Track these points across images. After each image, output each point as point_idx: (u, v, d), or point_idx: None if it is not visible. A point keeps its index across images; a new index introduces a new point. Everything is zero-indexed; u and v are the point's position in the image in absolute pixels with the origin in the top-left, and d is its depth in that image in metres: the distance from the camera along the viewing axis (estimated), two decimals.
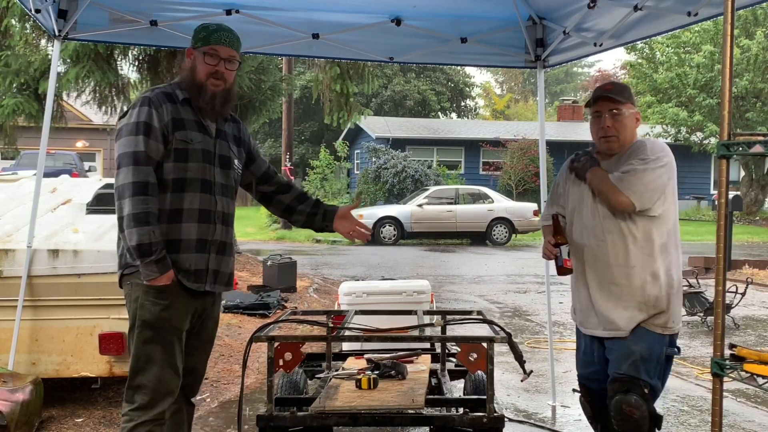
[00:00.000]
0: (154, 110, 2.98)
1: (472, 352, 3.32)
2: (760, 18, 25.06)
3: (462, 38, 5.22)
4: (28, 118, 10.93)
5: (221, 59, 3.08)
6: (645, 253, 3.24)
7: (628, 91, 3.39)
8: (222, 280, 3.18)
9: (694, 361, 6.63)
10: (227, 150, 3.19)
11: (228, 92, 3.14)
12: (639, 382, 3.19)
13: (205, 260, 3.08)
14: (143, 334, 2.99)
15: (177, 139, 3.00)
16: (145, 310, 2.98)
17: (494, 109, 50.31)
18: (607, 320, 3.30)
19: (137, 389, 3.00)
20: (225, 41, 3.09)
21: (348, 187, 29.81)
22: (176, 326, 3.03)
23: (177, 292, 3.01)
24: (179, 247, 3.01)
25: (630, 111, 3.32)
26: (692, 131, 26.28)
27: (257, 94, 12.10)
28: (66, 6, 4.65)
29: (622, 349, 3.25)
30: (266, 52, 6.31)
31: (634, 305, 3.25)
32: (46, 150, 4.87)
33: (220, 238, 3.13)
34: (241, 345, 6.59)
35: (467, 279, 12.35)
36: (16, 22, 10.47)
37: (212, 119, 3.15)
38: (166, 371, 3.00)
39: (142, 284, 2.96)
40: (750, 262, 12.74)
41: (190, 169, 3.03)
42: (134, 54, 10.76)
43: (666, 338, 3.28)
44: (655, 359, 3.24)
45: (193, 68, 3.10)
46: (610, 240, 3.27)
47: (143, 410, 2.98)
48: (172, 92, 3.09)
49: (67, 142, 25.81)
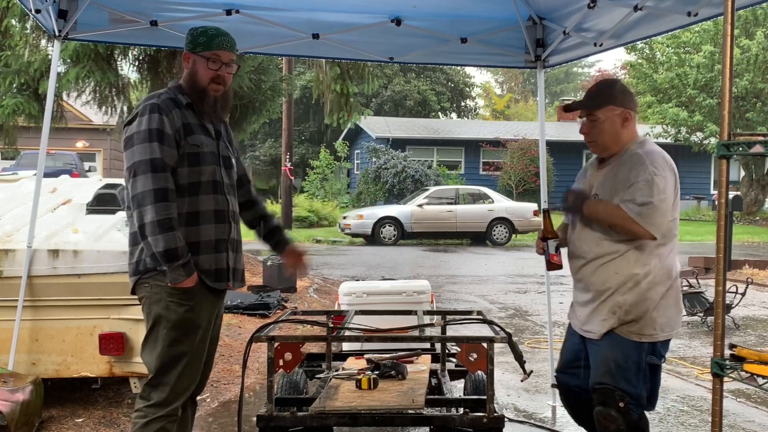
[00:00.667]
0: (164, 117, 3.00)
1: (472, 352, 3.32)
2: (761, 18, 25.05)
3: (462, 38, 5.22)
4: (28, 118, 10.93)
5: (223, 63, 3.12)
6: (626, 258, 3.16)
7: (607, 93, 3.26)
8: (238, 277, 3.26)
9: (694, 361, 6.63)
10: (227, 150, 3.26)
11: (227, 95, 3.19)
12: (615, 394, 3.11)
13: (225, 259, 3.14)
14: (170, 335, 3.01)
15: (189, 144, 3.05)
16: (171, 312, 3.00)
17: (494, 110, 50.32)
18: (583, 321, 3.30)
19: (156, 387, 3.03)
20: (227, 46, 3.13)
21: (348, 187, 29.83)
22: (202, 326, 3.08)
23: (201, 293, 3.05)
24: (199, 248, 3.05)
25: (609, 114, 3.22)
26: (692, 131, 26.28)
27: (257, 95, 12.09)
28: (66, 6, 4.65)
29: (597, 354, 3.22)
30: (266, 52, 6.31)
31: (606, 309, 3.19)
32: (46, 150, 4.87)
33: (236, 237, 3.21)
34: (241, 345, 6.59)
35: (467, 279, 12.35)
36: (17, 22, 10.47)
37: (209, 121, 3.19)
38: (188, 371, 3.05)
39: (165, 286, 2.99)
40: (750, 262, 12.74)
41: (203, 173, 3.08)
42: (134, 54, 10.76)
43: (645, 346, 3.17)
44: (633, 366, 3.14)
45: (194, 73, 3.12)
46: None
47: (158, 407, 3.01)
48: (175, 97, 3.11)
49: (68, 143, 25.80)
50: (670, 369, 6.31)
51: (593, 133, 3.26)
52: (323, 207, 24.42)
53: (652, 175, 3.08)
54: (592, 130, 3.26)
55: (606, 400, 3.14)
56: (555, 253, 3.31)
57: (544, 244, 3.32)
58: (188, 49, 3.14)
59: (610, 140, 3.25)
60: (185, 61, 3.16)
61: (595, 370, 3.24)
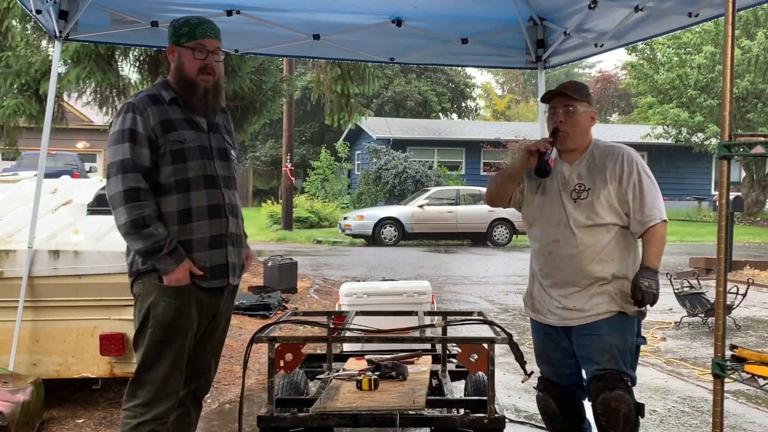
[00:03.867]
0: (138, 116, 2.97)
1: (473, 353, 3.32)
2: (761, 19, 25.05)
3: (463, 39, 5.23)
4: (28, 118, 10.93)
5: (209, 52, 3.06)
6: (618, 243, 3.37)
7: (585, 90, 3.44)
8: (238, 272, 3.22)
9: (695, 362, 6.63)
10: (222, 142, 3.19)
11: (218, 85, 3.12)
12: (622, 376, 3.27)
13: (224, 254, 3.09)
14: (155, 333, 3.00)
15: (170, 141, 2.99)
16: (159, 310, 2.99)
17: (495, 110, 50.28)
18: (570, 310, 3.43)
19: (141, 385, 3.01)
20: (211, 34, 3.07)
21: (349, 188, 29.83)
22: (189, 327, 3.05)
23: (193, 293, 3.02)
24: (192, 246, 3.02)
25: (584, 109, 3.37)
26: (693, 132, 26.27)
27: (258, 95, 12.09)
28: (67, 7, 4.65)
29: (594, 341, 3.34)
30: (267, 53, 6.32)
31: (610, 293, 3.37)
32: (47, 151, 4.87)
33: (235, 231, 3.16)
34: (242, 346, 6.59)
35: (468, 280, 12.35)
36: (17, 23, 10.47)
37: (201, 114, 3.13)
38: (172, 372, 3.02)
39: (157, 284, 2.98)
40: (751, 263, 12.72)
41: (190, 168, 3.02)
42: (135, 55, 10.76)
43: (635, 322, 3.37)
44: (630, 351, 3.33)
45: (180, 66, 3.07)
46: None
47: (145, 407, 2.99)
48: (157, 94, 3.07)
49: (68, 143, 25.83)
50: (670, 370, 6.30)
51: (569, 123, 3.35)
52: (324, 208, 24.42)
53: (642, 167, 3.33)
54: (568, 120, 3.35)
55: (615, 384, 3.23)
56: (553, 159, 3.34)
57: (551, 147, 3.30)
58: (171, 41, 3.09)
59: (580, 134, 3.38)
60: (170, 55, 3.10)
61: (594, 357, 3.29)
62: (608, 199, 3.30)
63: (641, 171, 3.32)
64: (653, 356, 6.77)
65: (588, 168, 3.37)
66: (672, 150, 28.64)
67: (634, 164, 3.33)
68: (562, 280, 3.38)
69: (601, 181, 3.32)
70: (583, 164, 3.39)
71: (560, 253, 3.36)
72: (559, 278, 3.39)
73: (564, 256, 3.35)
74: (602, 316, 3.30)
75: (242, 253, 3.23)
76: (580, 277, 3.33)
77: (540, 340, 3.58)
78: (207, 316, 3.14)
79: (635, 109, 35.31)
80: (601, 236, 3.31)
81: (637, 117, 34.79)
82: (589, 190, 3.33)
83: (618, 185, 3.30)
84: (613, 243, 3.32)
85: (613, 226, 3.32)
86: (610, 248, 3.31)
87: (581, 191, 3.34)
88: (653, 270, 3.26)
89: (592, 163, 3.38)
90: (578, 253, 3.32)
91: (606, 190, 3.30)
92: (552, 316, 3.44)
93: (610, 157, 3.36)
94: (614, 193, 3.30)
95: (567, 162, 3.43)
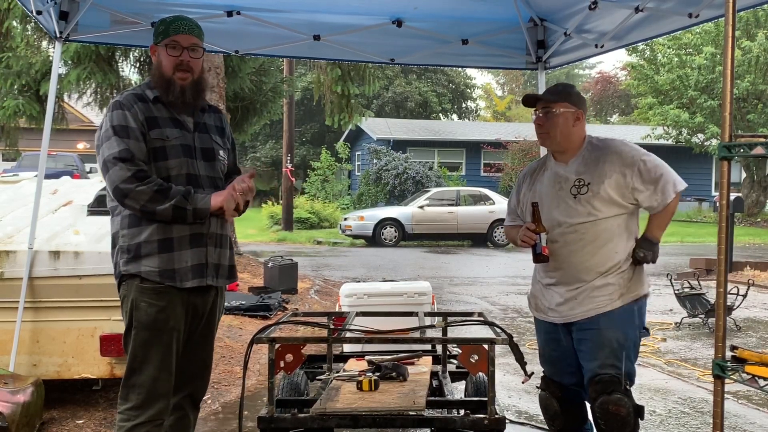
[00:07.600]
0: (126, 111, 2.96)
1: (473, 354, 3.31)
2: (762, 19, 25.05)
3: (463, 40, 5.23)
4: (29, 119, 10.95)
5: (183, 48, 3.03)
6: (621, 236, 3.39)
7: (567, 91, 3.45)
8: (223, 274, 3.16)
9: (696, 363, 6.63)
10: (209, 142, 3.15)
11: (197, 83, 3.08)
12: (619, 379, 3.26)
13: (204, 254, 3.04)
14: (139, 335, 2.98)
15: (152, 138, 2.98)
16: (140, 312, 2.97)
17: (495, 111, 50.27)
18: (572, 307, 3.44)
19: (132, 388, 2.99)
20: (184, 29, 3.04)
21: (349, 189, 29.83)
22: (174, 328, 3.02)
23: (173, 293, 2.99)
24: (172, 245, 2.98)
25: (563, 110, 3.39)
26: (693, 133, 26.27)
27: (258, 96, 12.12)
28: (67, 8, 4.65)
29: (594, 338, 3.34)
30: (267, 53, 6.32)
31: (612, 286, 3.40)
32: (47, 151, 4.88)
33: (216, 231, 3.09)
34: (242, 347, 6.59)
35: (468, 280, 12.35)
36: (18, 23, 10.50)
37: (188, 113, 3.10)
38: (161, 373, 2.99)
39: (137, 285, 2.96)
40: (751, 263, 12.72)
41: (171, 167, 2.99)
42: (135, 56, 10.79)
43: (637, 311, 3.37)
44: (631, 343, 3.34)
45: (158, 64, 3.06)
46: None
47: (138, 410, 2.97)
48: (142, 92, 3.07)
49: (69, 144, 25.86)
50: (671, 371, 6.30)
51: (547, 125, 3.42)
52: (324, 208, 24.43)
53: (641, 153, 3.37)
54: (546, 123, 3.42)
55: (613, 387, 3.24)
56: (546, 245, 3.37)
57: (536, 237, 3.35)
58: (153, 42, 3.10)
59: (562, 135, 3.42)
60: (152, 56, 3.11)
61: (594, 354, 3.31)
62: (608, 193, 3.32)
63: (641, 155, 3.35)
64: (653, 357, 6.77)
65: (586, 164, 3.40)
66: (672, 151, 28.58)
67: (632, 151, 3.36)
68: (565, 278, 3.40)
69: (600, 175, 3.34)
70: (579, 161, 3.42)
71: (561, 251, 3.38)
72: (562, 276, 3.41)
73: (565, 254, 3.37)
74: (602, 309, 3.33)
75: (226, 254, 3.17)
76: (584, 273, 3.36)
77: (543, 339, 3.59)
78: (194, 317, 3.11)
79: (635, 109, 35.31)
80: (603, 230, 3.33)
81: (637, 118, 34.79)
82: (589, 185, 3.35)
83: (621, 177, 3.31)
84: (615, 235, 3.34)
85: (614, 218, 3.34)
86: (612, 241, 3.34)
87: (581, 186, 3.36)
88: (652, 241, 3.35)
89: (589, 159, 3.41)
90: (579, 249, 3.35)
91: (606, 183, 3.32)
92: (553, 314, 3.46)
93: (607, 151, 3.39)
94: (615, 185, 3.31)
95: (562, 162, 3.46)
